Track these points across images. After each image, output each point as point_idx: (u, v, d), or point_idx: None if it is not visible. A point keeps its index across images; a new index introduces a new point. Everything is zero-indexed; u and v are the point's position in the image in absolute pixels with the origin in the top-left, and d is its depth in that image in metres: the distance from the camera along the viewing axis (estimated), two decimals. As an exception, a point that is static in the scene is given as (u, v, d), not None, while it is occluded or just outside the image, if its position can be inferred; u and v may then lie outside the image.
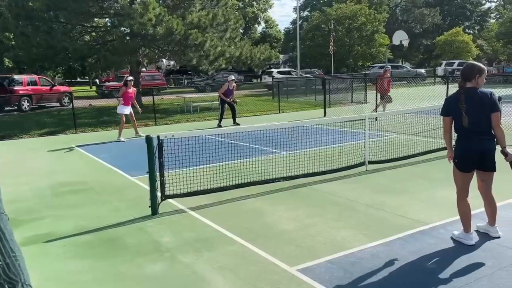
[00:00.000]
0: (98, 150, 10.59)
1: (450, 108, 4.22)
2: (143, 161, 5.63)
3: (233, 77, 14.59)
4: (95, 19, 22.80)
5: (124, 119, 12.05)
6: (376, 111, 13.83)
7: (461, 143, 4.17)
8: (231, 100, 14.49)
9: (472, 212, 4.35)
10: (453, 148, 4.30)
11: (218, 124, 14.09)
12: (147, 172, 5.44)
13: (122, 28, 19.00)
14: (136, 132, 12.36)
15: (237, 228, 4.92)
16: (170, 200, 5.80)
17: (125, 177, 7.65)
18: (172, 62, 39.58)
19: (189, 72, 45.47)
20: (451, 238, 4.36)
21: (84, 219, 5.47)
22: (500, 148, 4.06)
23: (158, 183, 5.52)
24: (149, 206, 5.48)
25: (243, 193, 6.15)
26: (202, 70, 23.03)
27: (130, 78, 12.16)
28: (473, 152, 4.10)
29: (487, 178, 4.23)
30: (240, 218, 5.28)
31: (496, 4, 64.85)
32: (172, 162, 6.34)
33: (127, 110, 12.01)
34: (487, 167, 4.15)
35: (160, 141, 5.48)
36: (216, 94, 16.67)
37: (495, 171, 4.18)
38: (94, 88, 35.82)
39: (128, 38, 19.52)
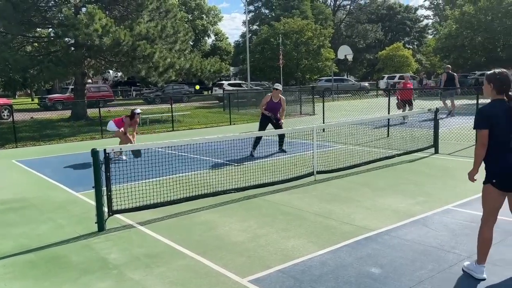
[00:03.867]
0: (40, 165, 10.11)
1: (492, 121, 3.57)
2: (89, 175, 5.45)
3: (279, 86, 10.48)
4: (38, 29, 21.93)
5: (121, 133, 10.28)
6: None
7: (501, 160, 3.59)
8: (277, 118, 10.27)
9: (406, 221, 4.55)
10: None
11: (250, 152, 9.93)
12: (92, 187, 5.27)
13: (66, 39, 18.36)
14: (120, 154, 9.98)
15: (187, 241, 4.87)
16: (117, 215, 5.64)
17: (69, 193, 7.34)
18: (119, 74, 38.72)
19: (137, 84, 44.66)
20: (462, 270, 3.89)
21: (25, 238, 5.19)
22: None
23: (105, 198, 5.36)
24: (95, 222, 5.30)
25: (193, 206, 6.10)
26: (151, 82, 22.71)
27: (139, 111, 10.46)
28: None
29: None
30: (190, 231, 5.23)
31: (433, 21, 69.09)
32: (120, 176, 6.18)
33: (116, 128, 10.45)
34: None
35: (107, 154, 5.33)
36: (165, 106, 16.43)
37: None
38: (36, 100, 34.26)
39: (73, 48, 18.92)
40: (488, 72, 3.71)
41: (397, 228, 5.00)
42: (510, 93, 3.58)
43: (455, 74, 17.37)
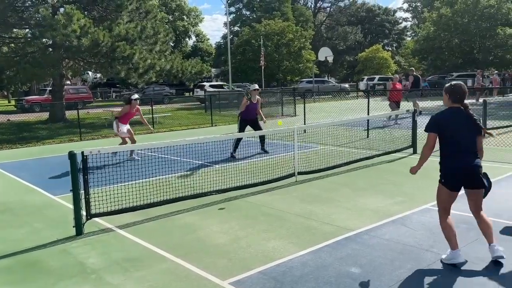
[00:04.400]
0: (17, 168, 9.89)
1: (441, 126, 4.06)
2: (67, 178, 5.35)
3: (256, 86, 10.76)
4: (14, 30, 21.46)
5: (127, 139, 10.05)
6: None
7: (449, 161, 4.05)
8: (259, 118, 10.49)
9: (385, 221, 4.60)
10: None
11: (231, 153, 10.01)
12: (70, 190, 5.18)
13: (43, 40, 18.01)
14: (131, 154, 9.99)
15: (168, 244, 4.82)
16: (96, 219, 5.55)
17: (47, 196, 7.20)
18: (98, 75, 38.18)
19: (117, 85, 44.12)
20: (441, 262, 4.07)
21: (1, 243, 5.07)
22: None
23: (83, 201, 5.27)
24: (73, 226, 5.21)
25: (174, 208, 6.05)
26: (131, 83, 22.46)
27: (136, 96, 10.28)
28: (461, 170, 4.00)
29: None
30: (171, 234, 5.18)
31: (412, 23, 70.29)
32: (99, 179, 6.10)
33: (125, 128, 10.11)
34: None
35: (85, 157, 5.25)
36: (145, 108, 16.28)
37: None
38: (13, 102, 33.52)
39: (50, 49, 18.58)
40: (446, 85, 4.17)
41: (377, 228, 5.06)
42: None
43: (420, 76, 18.31)
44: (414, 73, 18.12)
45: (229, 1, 51.20)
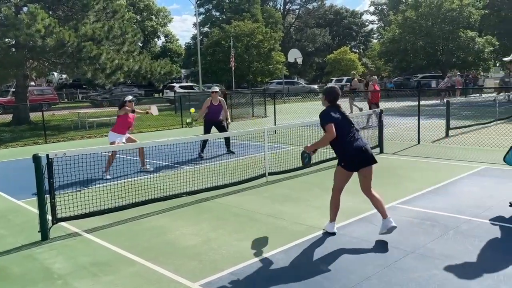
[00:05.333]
0: (-22, 172, 9.51)
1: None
2: (32, 182, 5.19)
3: (217, 88, 10.77)
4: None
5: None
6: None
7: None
8: (223, 120, 10.51)
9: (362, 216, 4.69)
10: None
11: (198, 153, 10.20)
12: (33, 194, 5.02)
13: (6, 39, 17.41)
14: (143, 165, 8.92)
15: (137, 248, 4.76)
16: (62, 223, 5.42)
17: (10, 201, 6.96)
18: (64, 76, 37.21)
19: (84, 86, 43.11)
20: (323, 232, 4.93)
21: (-40, 251, 4.87)
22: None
23: (49, 205, 5.13)
24: (39, 231, 5.06)
25: (143, 211, 5.97)
26: (98, 84, 22.00)
27: (130, 98, 8.90)
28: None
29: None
30: (140, 237, 5.11)
31: (378, 25, 71.80)
32: (65, 182, 5.95)
33: (122, 138, 8.62)
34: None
35: (50, 160, 5.11)
36: (113, 109, 15.99)
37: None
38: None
39: (13, 50, 17.97)
40: (324, 87, 5.14)
41: (345, 226, 5.15)
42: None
43: (363, 80, 20.94)
44: (357, 77, 20.71)
45: (198, 2, 50.91)
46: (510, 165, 5.75)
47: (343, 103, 5.07)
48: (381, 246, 4.54)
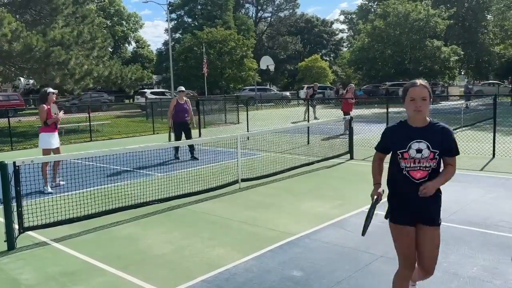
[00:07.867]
0: None
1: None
2: (-4, 191, 5.03)
3: (183, 88, 10.98)
4: None
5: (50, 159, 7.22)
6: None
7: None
8: (188, 121, 10.62)
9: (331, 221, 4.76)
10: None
11: (174, 154, 10.56)
12: (0, 203, 4.88)
13: (-30, 43, 16.83)
14: (54, 180, 7.79)
15: (107, 257, 4.67)
16: (29, 232, 5.26)
17: (-26, 211, 6.71)
18: (31, 81, 36.18)
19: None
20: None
21: None
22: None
23: (15, 214, 4.98)
24: (5, 241, 4.90)
25: (114, 219, 5.87)
26: (67, 90, 21.53)
27: (51, 90, 7.92)
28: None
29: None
30: (110, 246, 5.02)
31: (348, 34, 73.28)
32: (32, 190, 5.79)
33: (55, 141, 7.76)
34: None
35: (17, 167, 4.97)
36: (82, 115, 15.68)
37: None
38: None
39: (-23, 54, 17.37)
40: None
41: (317, 231, 5.22)
42: None
43: (318, 90, 25.45)
44: (314, 85, 23.81)
45: (170, 8, 50.62)
46: None
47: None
48: (352, 251, 4.62)
